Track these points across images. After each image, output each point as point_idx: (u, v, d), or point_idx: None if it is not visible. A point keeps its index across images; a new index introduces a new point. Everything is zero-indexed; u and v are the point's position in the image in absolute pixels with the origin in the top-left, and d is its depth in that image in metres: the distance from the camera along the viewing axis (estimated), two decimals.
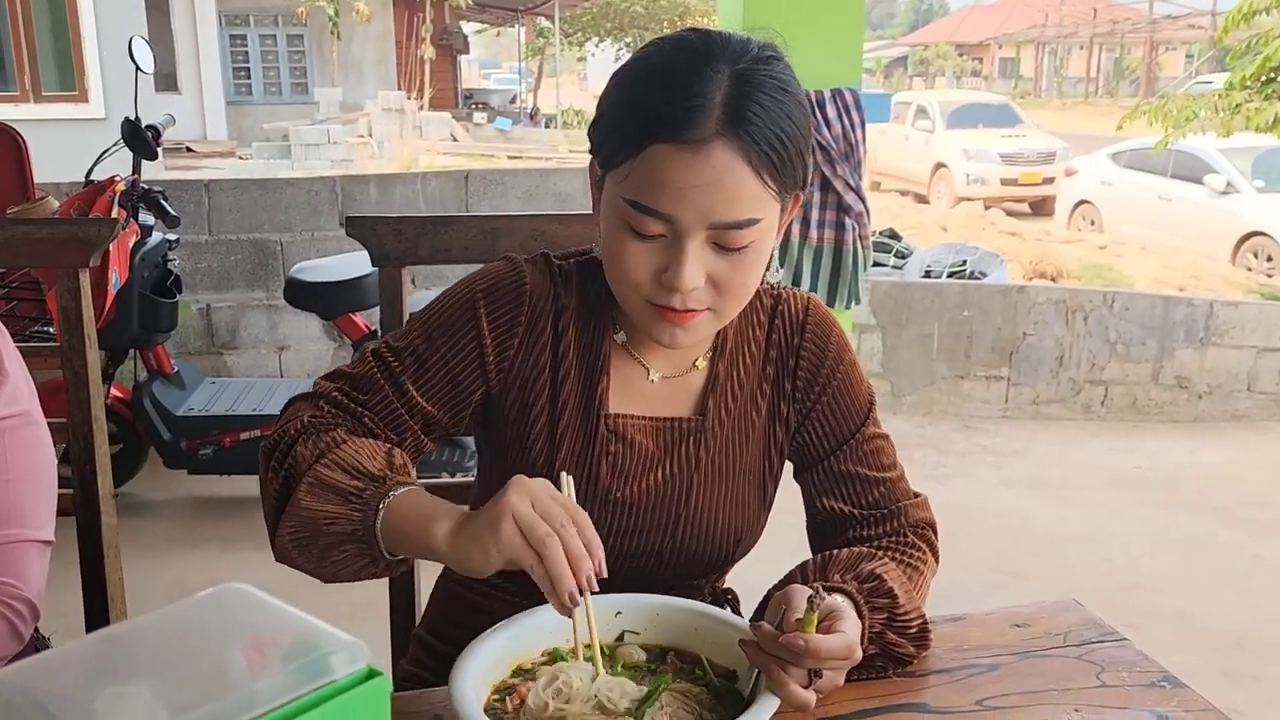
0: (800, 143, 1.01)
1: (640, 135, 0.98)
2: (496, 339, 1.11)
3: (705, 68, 0.97)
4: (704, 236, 0.99)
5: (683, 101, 0.96)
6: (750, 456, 1.17)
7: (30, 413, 1.16)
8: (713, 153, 0.96)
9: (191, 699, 0.45)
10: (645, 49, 1.04)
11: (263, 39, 19.53)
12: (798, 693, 0.87)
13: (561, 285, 1.14)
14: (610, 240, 1.03)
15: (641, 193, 0.98)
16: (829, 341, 1.18)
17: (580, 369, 1.13)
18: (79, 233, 1.50)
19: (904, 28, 57.47)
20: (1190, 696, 0.99)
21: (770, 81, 0.99)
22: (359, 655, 0.50)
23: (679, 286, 0.99)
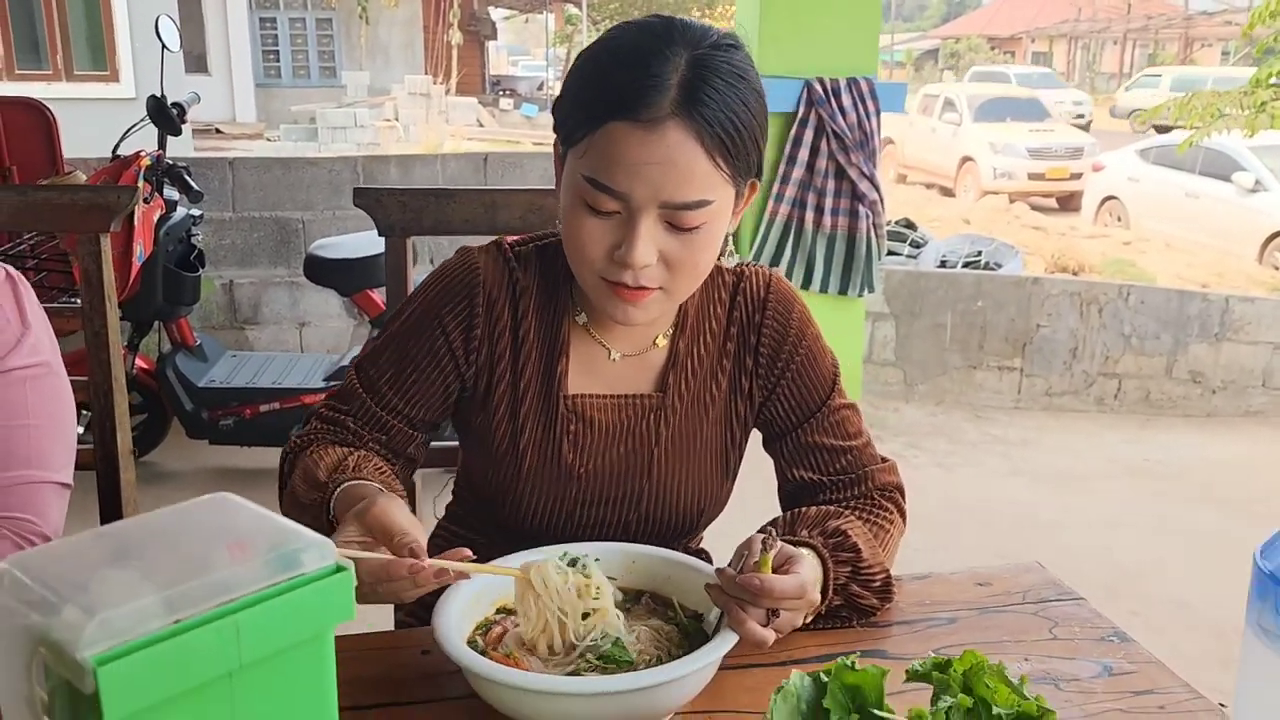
0: (755, 129, 1.04)
1: (599, 112, 1.01)
2: (462, 333, 1.16)
3: (664, 49, 1.01)
4: (656, 214, 1.02)
5: (640, 81, 0.99)
6: (711, 430, 1.22)
7: (51, 364, 1.23)
8: (667, 132, 0.99)
9: (175, 580, 0.51)
10: (611, 31, 1.08)
11: (292, 22, 19.67)
12: (755, 630, 0.93)
13: (519, 269, 1.18)
14: (568, 216, 1.07)
15: (597, 169, 1.01)
16: (790, 317, 1.22)
17: (540, 351, 1.18)
18: (100, 199, 1.57)
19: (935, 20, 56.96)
20: (1135, 650, 1.03)
21: (726, 67, 1.02)
22: (328, 553, 0.56)
23: (631, 263, 1.03)
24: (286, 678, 0.54)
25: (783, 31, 4.04)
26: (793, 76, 4.02)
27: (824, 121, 4.00)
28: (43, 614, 0.49)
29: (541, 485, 1.18)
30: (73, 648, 0.47)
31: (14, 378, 1.18)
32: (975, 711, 0.74)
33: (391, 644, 1.06)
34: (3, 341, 1.18)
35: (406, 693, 0.97)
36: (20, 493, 1.16)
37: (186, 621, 0.50)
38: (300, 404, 3.60)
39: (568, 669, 0.93)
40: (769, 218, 4.14)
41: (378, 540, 0.91)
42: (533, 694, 0.86)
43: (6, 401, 1.17)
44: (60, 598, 0.49)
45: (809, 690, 0.74)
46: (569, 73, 1.08)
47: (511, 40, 43.36)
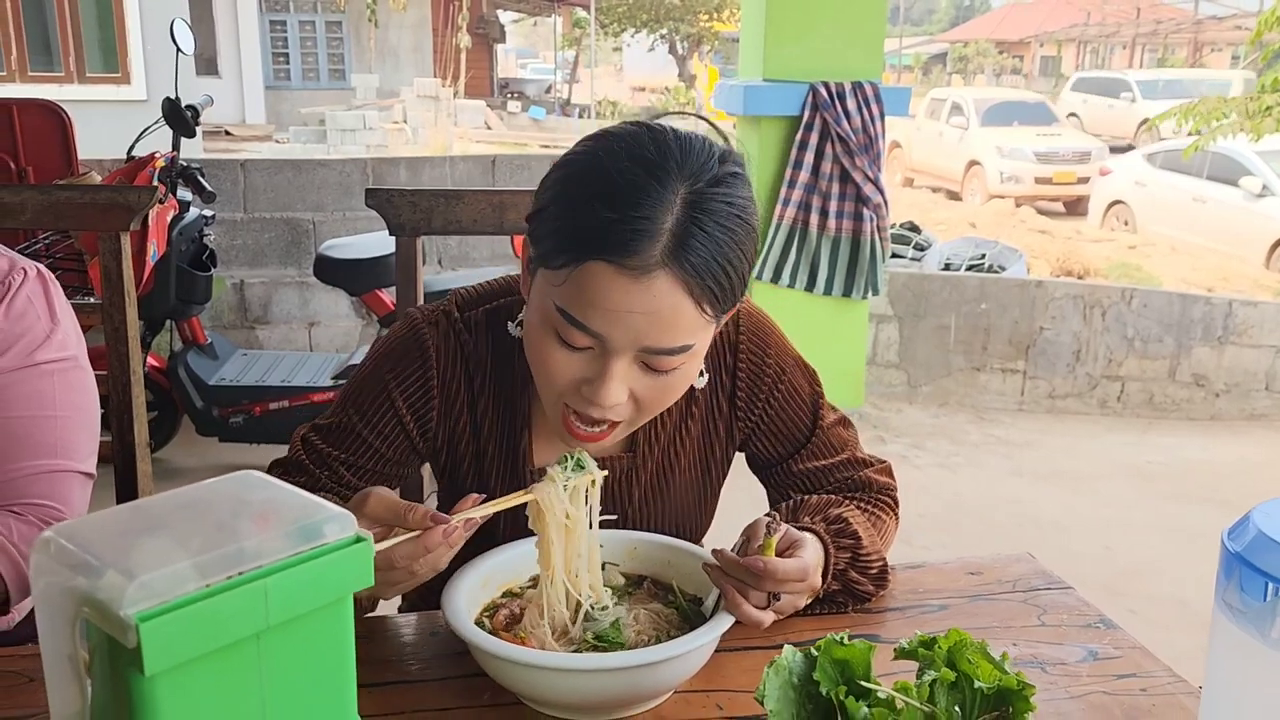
0: (744, 268, 0.98)
1: (582, 248, 0.93)
2: (415, 412, 1.12)
3: (659, 187, 0.92)
4: (632, 356, 0.97)
5: (630, 224, 0.91)
6: (684, 474, 1.20)
7: (77, 358, 1.28)
8: (654, 281, 0.92)
9: (207, 547, 0.55)
10: (596, 148, 0.97)
11: (302, 25, 19.77)
12: (751, 611, 0.97)
13: (471, 340, 1.13)
14: (535, 337, 1.01)
15: (574, 305, 0.94)
16: (766, 357, 1.18)
17: (501, 427, 1.14)
18: (120, 198, 1.61)
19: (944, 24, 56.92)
20: (1121, 636, 1.07)
21: (724, 208, 0.95)
22: (348, 525, 0.60)
23: (600, 403, 0.98)
24: (310, 639, 0.59)
25: (788, 35, 4.09)
26: (798, 80, 4.06)
27: (829, 125, 4.04)
28: (86, 577, 0.53)
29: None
30: (116, 606, 0.51)
31: (43, 370, 1.23)
32: (958, 686, 0.78)
33: (401, 626, 1.10)
34: (33, 336, 1.23)
35: (417, 672, 1.01)
36: (46, 481, 1.21)
37: (219, 585, 0.54)
38: (309, 402, 3.65)
39: (569, 649, 0.97)
40: (775, 221, 4.18)
41: (389, 523, 0.92)
42: (538, 670, 0.90)
43: (35, 393, 1.22)
44: (102, 562, 0.53)
45: (800, 664, 0.78)
46: (547, 185, 0.99)
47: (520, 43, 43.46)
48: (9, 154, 3.89)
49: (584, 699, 0.92)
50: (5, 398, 1.20)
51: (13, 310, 1.22)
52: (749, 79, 4.23)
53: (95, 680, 0.57)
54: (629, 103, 23.92)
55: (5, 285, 1.23)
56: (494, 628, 1.00)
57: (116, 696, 0.55)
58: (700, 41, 26.11)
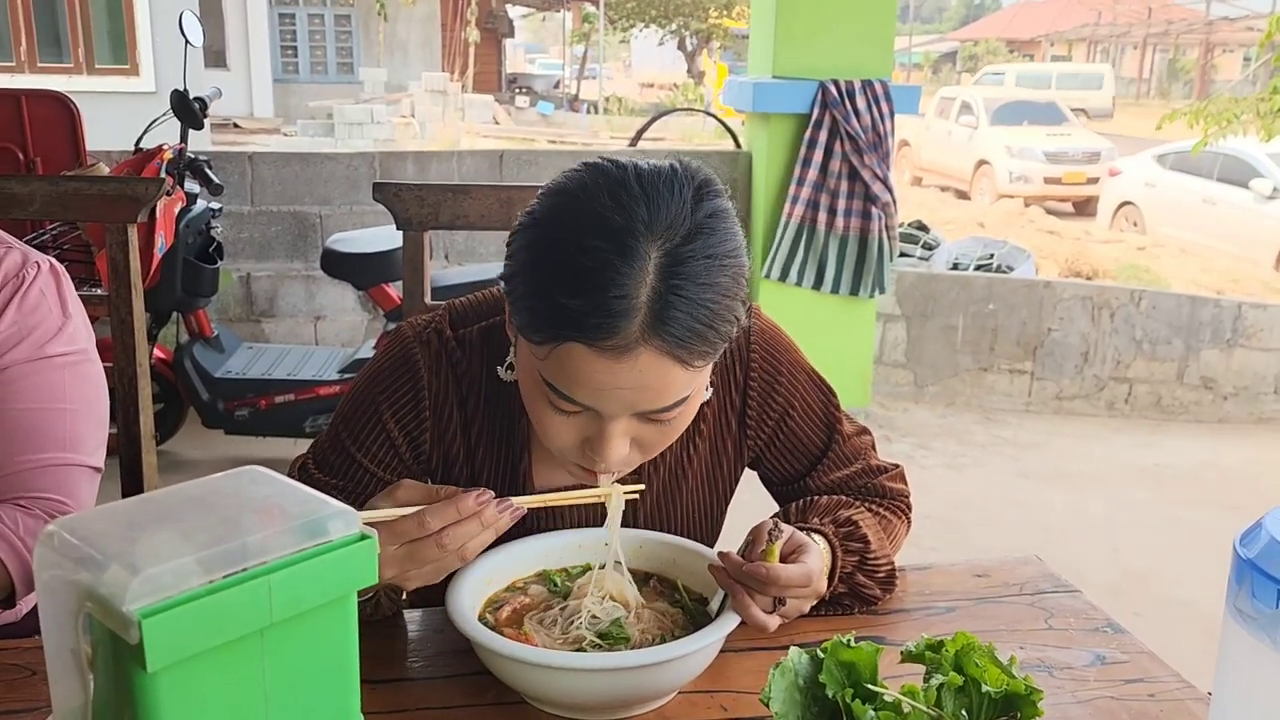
0: (734, 310, 0.93)
1: (557, 331, 0.89)
2: (407, 434, 1.10)
3: (629, 262, 0.86)
4: (629, 417, 0.95)
5: (603, 308, 0.86)
6: (691, 494, 1.18)
7: (87, 351, 1.28)
8: (638, 358, 0.88)
9: (211, 543, 0.55)
10: (559, 215, 0.91)
11: (310, 18, 19.78)
12: (758, 615, 0.96)
13: (465, 360, 1.10)
14: (529, 397, 0.99)
15: (560, 381, 0.92)
16: (779, 372, 1.15)
17: (497, 451, 1.12)
18: (128, 190, 1.61)
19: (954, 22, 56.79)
20: (1129, 641, 1.06)
21: (702, 265, 0.88)
22: (353, 521, 0.60)
23: (604, 461, 0.96)
24: (313, 636, 0.58)
25: (798, 33, 4.08)
26: (807, 78, 4.05)
27: (838, 123, 4.03)
28: (90, 571, 0.53)
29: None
30: (119, 601, 0.51)
31: (53, 363, 1.23)
32: (965, 690, 0.78)
33: (405, 622, 1.09)
34: (45, 329, 1.23)
35: (420, 669, 1.01)
36: (54, 474, 1.21)
37: (222, 581, 0.54)
38: (314, 396, 3.65)
39: (573, 647, 0.97)
40: (784, 219, 4.17)
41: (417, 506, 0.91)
42: (542, 669, 0.89)
43: (45, 385, 1.22)
44: (106, 557, 0.53)
45: (806, 666, 0.78)
46: (517, 252, 0.94)
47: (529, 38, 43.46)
48: (17, 145, 3.89)
49: (588, 698, 0.92)
50: (16, 390, 1.20)
51: (26, 303, 1.22)
52: (759, 76, 4.22)
53: (98, 675, 0.57)
54: (637, 99, 23.89)
55: (19, 279, 1.23)
56: (497, 623, 1.00)
57: (119, 692, 0.54)
58: (709, 38, 26.09)
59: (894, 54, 4.27)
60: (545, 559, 1.08)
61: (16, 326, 1.21)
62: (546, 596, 1.03)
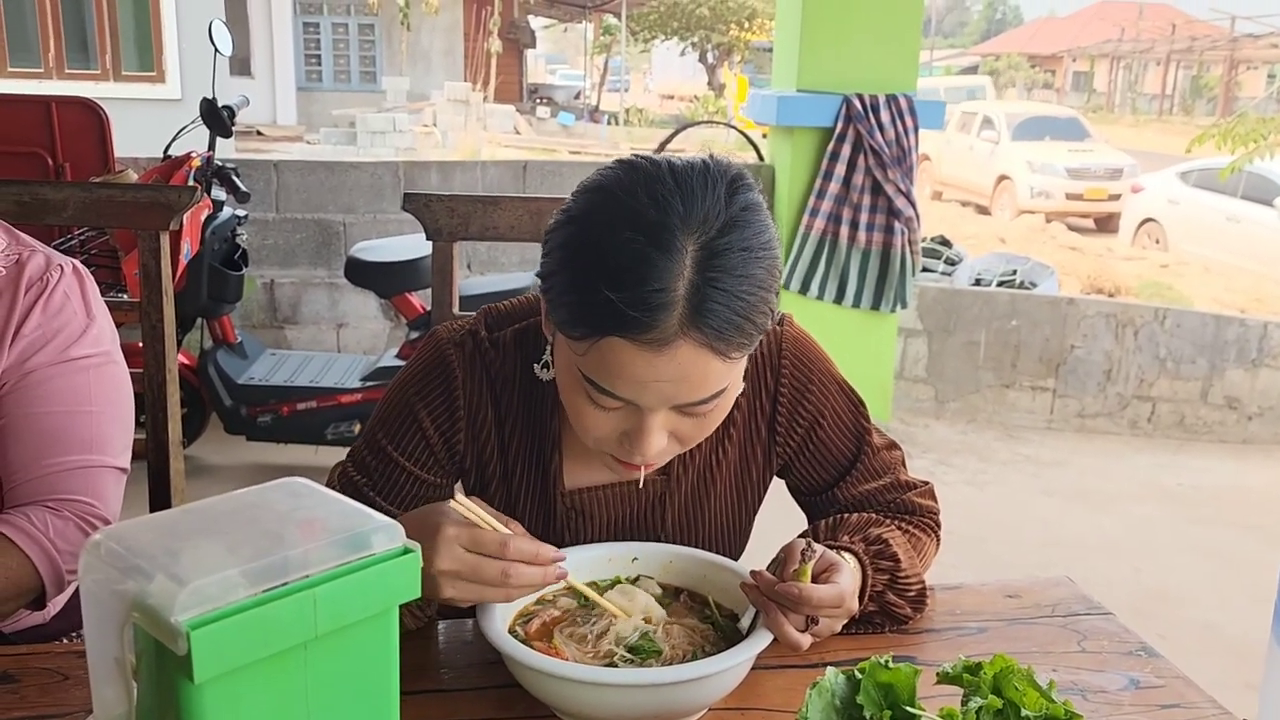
0: (769, 302, 0.94)
1: (597, 326, 0.90)
2: (442, 433, 1.11)
3: (666, 256, 0.88)
4: (667, 410, 0.96)
5: (642, 302, 0.87)
6: (720, 499, 1.18)
7: (111, 353, 1.29)
8: (677, 351, 0.89)
9: (257, 555, 0.55)
10: (594, 213, 0.92)
11: (335, 27, 19.93)
12: (791, 633, 0.95)
13: (499, 360, 1.11)
14: (567, 393, 1.00)
15: (599, 375, 0.93)
16: (810, 380, 1.15)
17: (530, 449, 1.12)
18: (161, 198, 1.62)
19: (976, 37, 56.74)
20: (1163, 665, 1.05)
21: (739, 256, 0.90)
22: (396, 535, 0.60)
23: (643, 454, 0.97)
24: (356, 649, 0.58)
25: (823, 47, 4.07)
26: (832, 92, 4.05)
27: (862, 137, 4.02)
28: (136, 581, 0.53)
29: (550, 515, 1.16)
30: (167, 612, 0.51)
31: (78, 366, 1.24)
32: (1004, 713, 0.77)
33: (432, 633, 1.09)
34: (69, 331, 1.24)
35: (450, 680, 1.01)
36: (81, 476, 1.21)
37: (268, 593, 0.54)
38: (337, 403, 3.66)
39: (603, 661, 0.96)
40: (804, 232, 4.16)
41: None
42: (573, 683, 0.89)
43: (70, 388, 1.23)
44: (153, 567, 0.53)
45: (843, 687, 0.77)
46: (554, 250, 0.94)
47: (550, 49, 43.66)
48: (47, 150, 3.93)
49: (618, 713, 0.91)
50: (42, 393, 1.21)
51: (50, 306, 1.23)
52: (783, 89, 4.22)
53: (141, 684, 0.57)
54: (658, 110, 23.93)
55: (43, 282, 1.24)
56: (527, 636, 0.99)
57: (162, 701, 0.54)
58: (730, 50, 26.12)
59: (919, 68, 4.26)
60: (575, 572, 1.07)
61: (41, 330, 1.21)
62: (577, 610, 1.03)
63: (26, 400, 1.20)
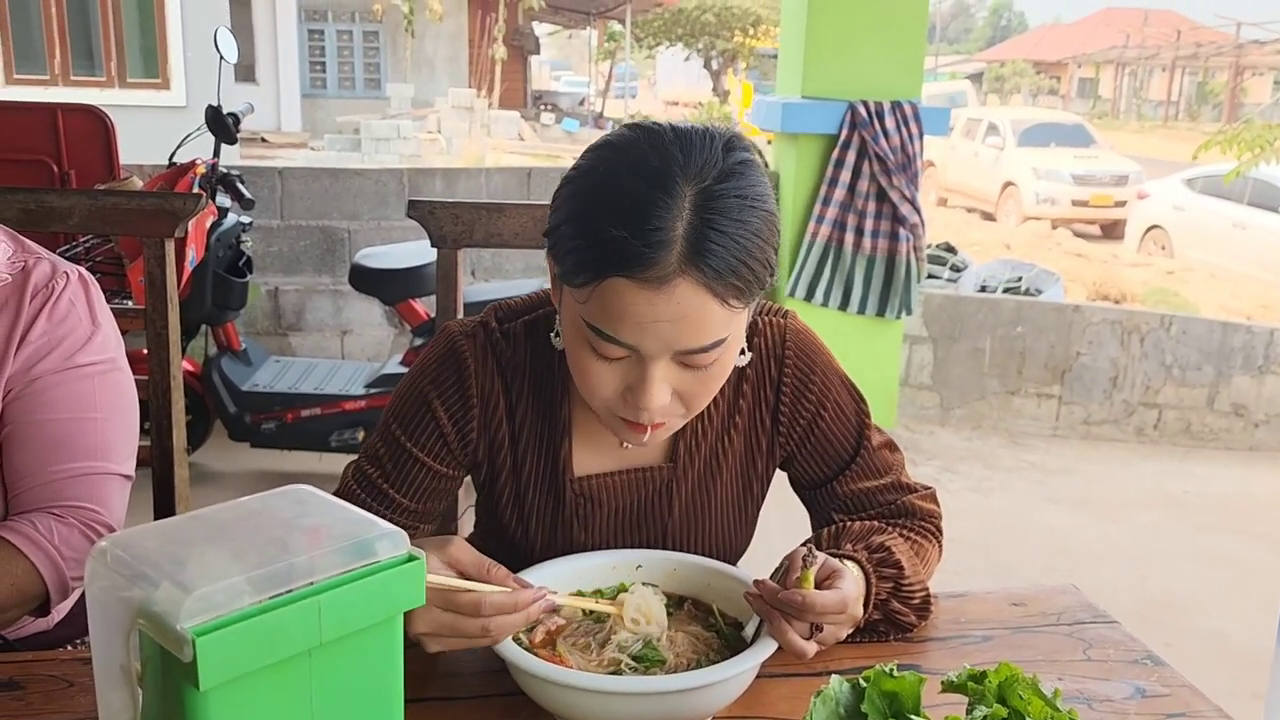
0: (767, 255, 0.98)
1: (599, 267, 0.94)
2: (458, 428, 1.13)
3: (666, 197, 0.92)
4: (669, 358, 0.98)
5: (642, 238, 0.91)
6: (725, 490, 1.19)
7: (116, 360, 1.29)
8: (676, 289, 0.93)
9: (262, 562, 0.55)
10: (598, 163, 0.98)
11: (339, 34, 20.00)
12: (796, 641, 0.95)
13: (509, 350, 1.13)
14: (573, 353, 1.02)
15: (602, 321, 0.96)
16: (812, 373, 1.17)
17: (540, 436, 1.14)
18: (166, 205, 1.63)
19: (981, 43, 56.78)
20: (1169, 674, 1.05)
21: (735, 202, 0.94)
22: (401, 543, 0.60)
23: (646, 408, 0.99)
24: (360, 656, 0.58)
25: (828, 54, 4.08)
26: (837, 99, 4.05)
27: (866, 144, 4.02)
28: (142, 588, 0.53)
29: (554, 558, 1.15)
30: (173, 619, 0.51)
31: (84, 373, 1.24)
32: None
33: None
34: (75, 339, 1.24)
35: (454, 688, 1.01)
36: (86, 483, 1.22)
37: (273, 600, 0.54)
38: (340, 410, 3.67)
39: (607, 669, 0.96)
40: (809, 238, 4.16)
41: (467, 574, 0.93)
42: (578, 691, 0.89)
43: (76, 395, 1.23)
44: (159, 574, 0.53)
45: (847, 695, 0.77)
46: (558, 204, 1.00)
47: (554, 55, 43.74)
48: (52, 157, 3.94)
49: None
50: (47, 400, 1.21)
51: (55, 313, 1.23)
52: (787, 96, 4.23)
53: (146, 691, 0.57)
54: (662, 117, 23.90)
55: (49, 289, 1.24)
56: (531, 644, 0.99)
57: (168, 708, 0.54)
58: (735, 57, 26.15)
59: (923, 75, 4.26)
60: (579, 580, 1.07)
61: (47, 337, 1.22)
62: (581, 619, 1.02)
63: (32, 407, 1.21)
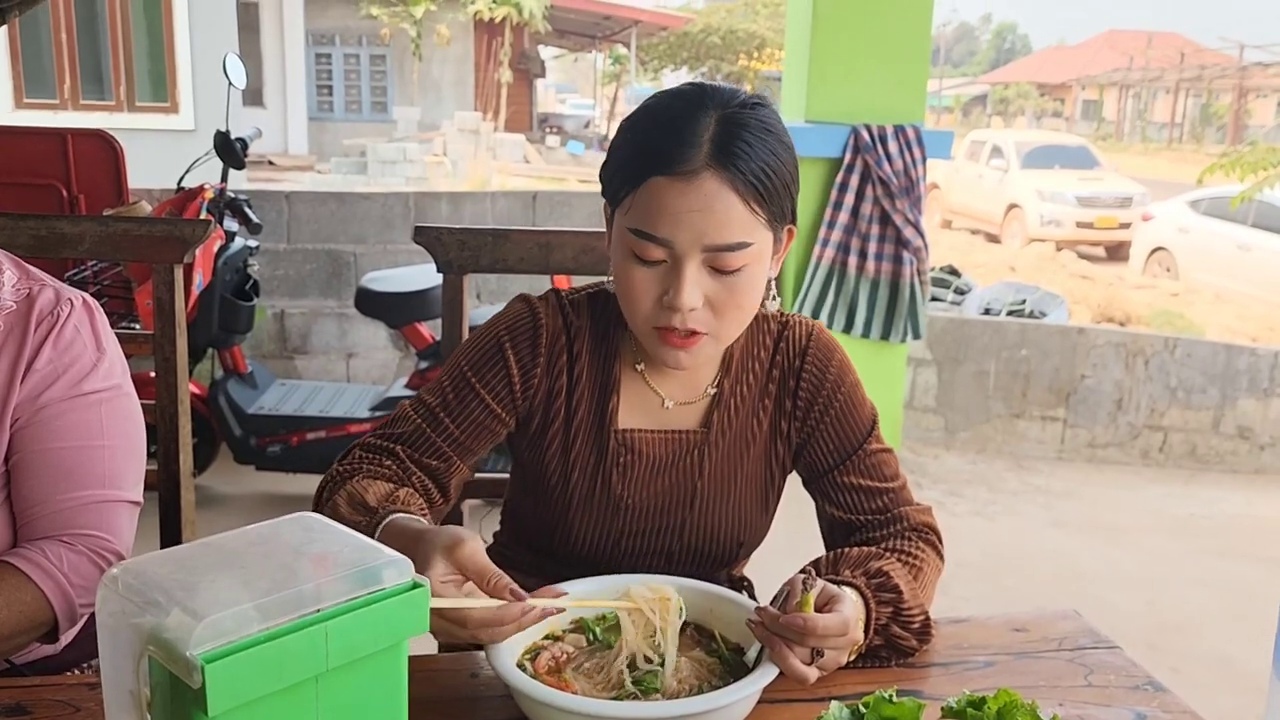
0: (786, 177, 1.12)
1: (640, 170, 1.10)
2: (523, 373, 1.24)
3: (696, 111, 1.10)
4: (700, 259, 1.10)
5: (675, 138, 1.08)
6: (752, 467, 1.28)
7: (122, 386, 1.29)
8: (703, 183, 1.07)
9: (270, 589, 0.56)
10: (648, 99, 1.18)
11: (346, 58, 20.15)
12: (798, 666, 0.96)
13: (574, 316, 1.26)
14: (619, 271, 1.15)
15: (642, 221, 1.10)
16: (829, 366, 1.29)
17: (593, 390, 1.26)
18: (176, 231, 1.65)
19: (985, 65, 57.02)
20: (1171, 700, 1.05)
21: (755, 122, 1.10)
22: (406, 570, 0.61)
23: (679, 306, 1.10)
24: (366, 683, 0.59)
25: (831, 78, 4.11)
26: (840, 123, 4.08)
27: (870, 168, 4.04)
28: (153, 615, 0.54)
29: (590, 516, 1.25)
30: (183, 646, 0.52)
31: (90, 400, 1.25)
32: None
33: (441, 667, 1.10)
34: (80, 366, 1.24)
35: (456, 714, 1.01)
36: (96, 511, 1.22)
37: (281, 627, 0.55)
38: (346, 433, 3.68)
39: (611, 695, 0.97)
40: (814, 261, 4.18)
41: (470, 578, 0.96)
42: (582, 717, 0.89)
43: (83, 423, 1.24)
44: (169, 601, 0.54)
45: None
46: (613, 140, 1.17)
47: (560, 78, 44.01)
48: (62, 182, 3.97)
49: None
50: (55, 428, 1.22)
51: (61, 341, 1.23)
52: (791, 120, 4.25)
53: (155, 717, 0.57)
54: None
55: (54, 316, 1.24)
56: (535, 671, 1.00)
57: None
58: (740, 81, 26.28)
59: (926, 98, 4.29)
60: (583, 607, 1.08)
61: (53, 365, 1.22)
62: (585, 645, 1.03)
63: (40, 435, 1.21)
